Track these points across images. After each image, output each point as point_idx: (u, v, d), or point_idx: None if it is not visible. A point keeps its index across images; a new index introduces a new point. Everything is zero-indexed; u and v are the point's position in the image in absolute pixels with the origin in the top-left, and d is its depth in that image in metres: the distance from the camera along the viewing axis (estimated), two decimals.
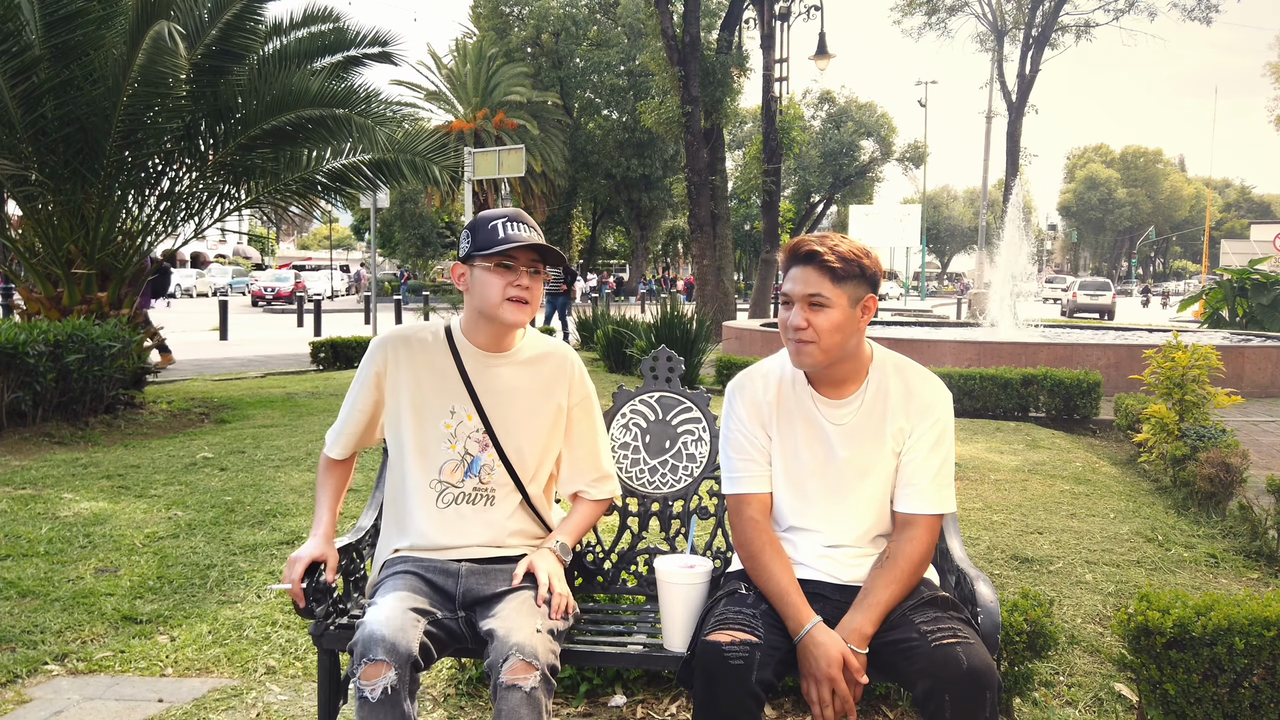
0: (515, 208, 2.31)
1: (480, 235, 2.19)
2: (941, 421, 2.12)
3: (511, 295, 2.17)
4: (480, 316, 2.24)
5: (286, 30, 9.06)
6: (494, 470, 2.25)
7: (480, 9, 44.86)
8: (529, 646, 1.91)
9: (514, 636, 1.94)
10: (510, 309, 2.19)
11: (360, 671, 1.85)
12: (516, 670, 1.88)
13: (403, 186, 10.50)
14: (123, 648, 3.18)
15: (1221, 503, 5.02)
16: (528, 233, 2.19)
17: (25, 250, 8.29)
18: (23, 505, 4.88)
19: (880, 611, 1.97)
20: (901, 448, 2.11)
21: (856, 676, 1.88)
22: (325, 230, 66.83)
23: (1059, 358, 9.99)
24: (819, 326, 2.02)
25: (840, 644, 1.90)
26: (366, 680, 1.84)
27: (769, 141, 19.82)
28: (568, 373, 2.33)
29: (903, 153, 49.52)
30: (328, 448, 2.39)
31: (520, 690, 1.85)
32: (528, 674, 1.87)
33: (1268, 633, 2.30)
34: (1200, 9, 31.84)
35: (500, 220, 2.20)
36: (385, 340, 2.30)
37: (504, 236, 2.17)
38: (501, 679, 1.87)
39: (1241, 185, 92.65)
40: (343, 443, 2.36)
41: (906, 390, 2.12)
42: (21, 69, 7.16)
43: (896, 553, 2.05)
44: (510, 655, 1.90)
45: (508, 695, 1.85)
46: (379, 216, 23.25)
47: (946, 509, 2.10)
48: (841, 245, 2.03)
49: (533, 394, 2.29)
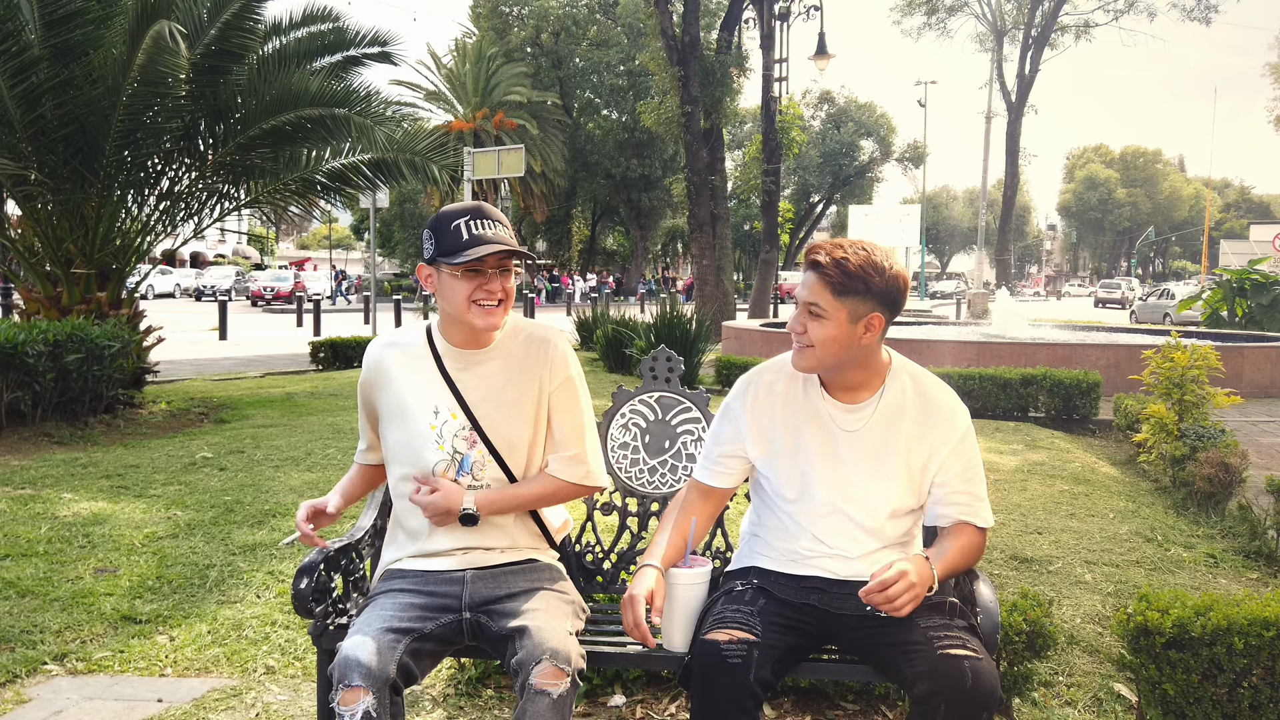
0: (477, 202, 2.19)
1: (444, 238, 2.11)
2: (967, 438, 2.11)
3: (478, 299, 2.12)
4: (451, 318, 2.19)
5: (286, 30, 9.06)
6: (485, 466, 2.22)
7: (480, 9, 44.87)
8: (563, 652, 1.91)
9: (549, 640, 1.93)
10: (478, 314, 2.13)
11: (339, 697, 1.85)
12: (548, 675, 1.87)
13: (402, 186, 10.51)
14: (122, 648, 3.18)
15: (1221, 503, 5.03)
16: (494, 231, 2.11)
17: (25, 250, 8.28)
18: (22, 505, 4.88)
19: (948, 565, 2.00)
20: (920, 464, 2.09)
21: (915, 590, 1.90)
22: (325, 230, 66.82)
23: (1058, 358, 10.00)
24: (815, 335, 2.00)
25: (649, 583, 2.01)
26: (345, 706, 1.84)
27: (768, 141, 19.82)
28: (549, 356, 2.24)
29: (902, 153, 49.56)
30: (357, 456, 2.44)
31: (549, 696, 1.86)
32: (559, 680, 1.87)
33: (1267, 633, 2.30)
34: (1200, 9, 31.92)
35: (463, 219, 2.11)
36: (370, 349, 2.30)
37: (469, 239, 2.08)
38: (532, 682, 1.87)
39: (1241, 185, 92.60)
40: (364, 449, 2.40)
41: (923, 402, 2.10)
42: (21, 69, 7.16)
43: (955, 534, 2.08)
44: (543, 659, 1.89)
45: (536, 699, 1.85)
46: (378, 216, 23.26)
47: (990, 523, 2.12)
48: (853, 259, 1.96)
49: (516, 384, 2.23)
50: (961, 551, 2.05)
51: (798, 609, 2.05)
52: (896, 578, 1.87)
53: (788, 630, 2.00)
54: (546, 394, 2.25)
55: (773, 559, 2.16)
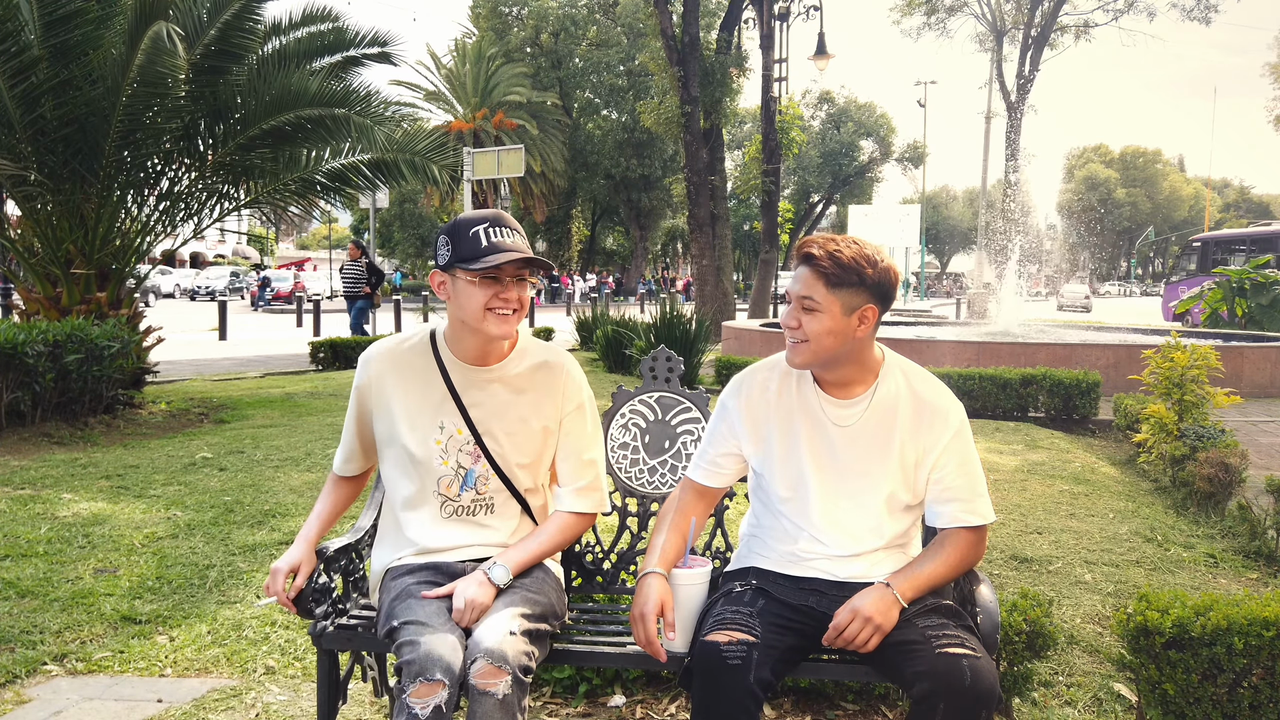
0: (495, 210, 2.18)
1: (462, 244, 2.09)
2: (962, 434, 2.10)
3: (494, 307, 2.10)
4: (463, 326, 2.17)
5: (285, 30, 9.06)
6: (489, 480, 2.22)
7: (479, 9, 44.88)
8: (497, 650, 1.89)
9: (485, 640, 1.92)
10: (494, 321, 2.11)
11: (413, 689, 1.83)
12: (485, 674, 1.86)
13: (402, 186, 10.50)
14: (122, 648, 3.18)
15: (1220, 503, 5.03)
16: (512, 239, 2.10)
17: (24, 250, 8.28)
18: (22, 505, 4.88)
19: (921, 582, 1.99)
20: (913, 460, 2.09)
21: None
22: (324, 230, 66.84)
23: (1058, 358, 9.99)
24: (809, 329, 2.00)
25: (656, 596, 1.99)
26: (419, 698, 1.82)
27: (768, 141, 19.82)
28: (561, 382, 2.25)
29: (902, 153, 49.58)
30: (335, 467, 2.40)
31: (493, 697, 1.84)
32: (497, 678, 1.85)
33: (1267, 633, 2.30)
34: (1199, 9, 31.92)
35: (482, 226, 2.10)
36: (371, 356, 2.25)
37: (487, 246, 2.08)
38: (473, 683, 1.86)
39: (1240, 185, 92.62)
40: (344, 460, 2.37)
41: (916, 399, 2.10)
42: (20, 69, 7.16)
43: (946, 540, 2.07)
44: (479, 658, 1.88)
45: (481, 700, 1.84)
46: (378, 216, 23.25)
47: (990, 518, 2.10)
48: (845, 251, 1.98)
49: (524, 406, 2.22)
50: (946, 564, 2.04)
51: (797, 610, 2.05)
52: (850, 618, 1.91)
53: (787, 631, 2.00)
54: (558, 419, 2.26)
55: (772, 560, 2.16)
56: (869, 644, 1.90)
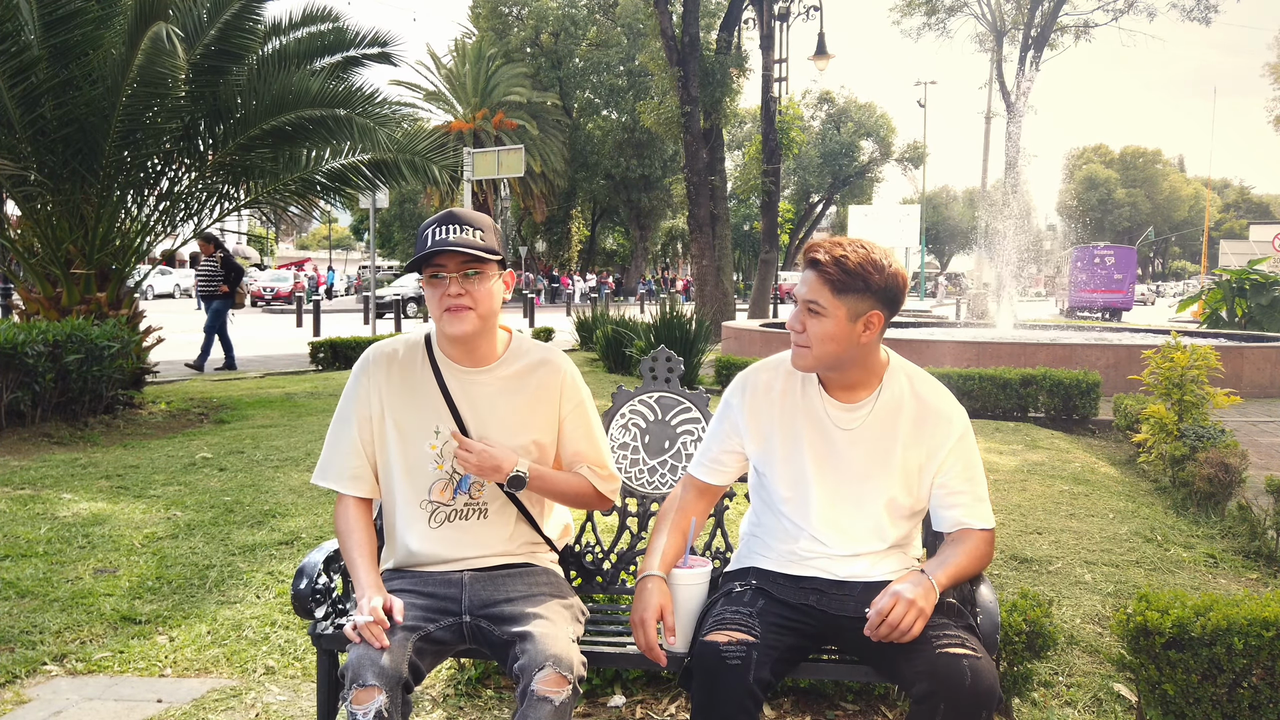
0: (451, 208, 2.16)
1: (417, 245, 2.09)
2: (966, 439, 2.10)
3: (447, 306, 2.08)
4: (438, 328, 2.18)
5: (285, 30, 9.06)
6: (484, 484, 2.20)
7: (479, 9, 44.90)
8: (565, 659, 1.91)
9: (552, 647, 1.92)
10: (448, 320, 2.08)
11: (352, 696, 1.84)
12: (550, 682, 1.87)
13: (402, 186, 10.50)
14: (122, 648, 3.18)
15: (1220, 503, 5.02)
16: (459, 234, 2.05)
17: (24, 250, 8.28)
18: (22, 505, 4.88)
19: (953, 571, 1.98)
20: (916, 465, 2.08)
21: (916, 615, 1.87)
22: (324, 230, 66.82)
23: (1058, 358, 9.99)
24: (813, 333, 2.00)
25: (656, 600, 1.98)
26: (358, 704, 1.83)
27: (768, 142, 19.82)
28: (557, 381, 2.23)
29: (902, 153, 49.61)
30: (341, 486, 2.19)
31: (551, 704, 1.85)
32: (561, 687, 1.87)
33: (1266, 633, 2.30)
34: (1199, 9, 31.89)
35: (431, 226, 2.08)
36: (366, 361, 2.24)
37: (431, 245, 2.05)
38: (534, 688, 1.86)
39: (1240, 185, 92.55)
40: (352, 478, 2.19)
41: (920, 403, 2.10)
42: (20, 69, 7.16)
43: (963, 539, 2.06)
44: (546, 665, 1.89)
45: (538, 706, 1.85)
46: (378, 216, 23.25)
47: (990, 524, 2.10)
48: (851, 256, 1.96)
49: (520, 408, 2.20)
50: (969, 557, 2.03)
51: (797, 609, 2.05)
52: (893, 602, 1.87)
53: (787, 631, 2.00)
54: (557, 420, 2.25)
55: (772, 560, 2.16)
56: (913, 630, 1.85)
